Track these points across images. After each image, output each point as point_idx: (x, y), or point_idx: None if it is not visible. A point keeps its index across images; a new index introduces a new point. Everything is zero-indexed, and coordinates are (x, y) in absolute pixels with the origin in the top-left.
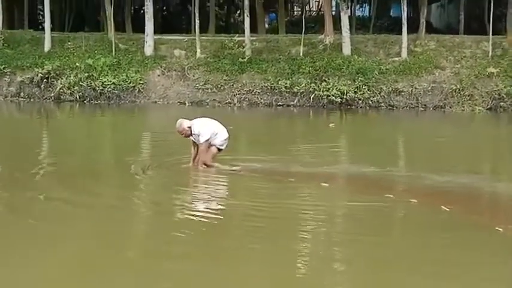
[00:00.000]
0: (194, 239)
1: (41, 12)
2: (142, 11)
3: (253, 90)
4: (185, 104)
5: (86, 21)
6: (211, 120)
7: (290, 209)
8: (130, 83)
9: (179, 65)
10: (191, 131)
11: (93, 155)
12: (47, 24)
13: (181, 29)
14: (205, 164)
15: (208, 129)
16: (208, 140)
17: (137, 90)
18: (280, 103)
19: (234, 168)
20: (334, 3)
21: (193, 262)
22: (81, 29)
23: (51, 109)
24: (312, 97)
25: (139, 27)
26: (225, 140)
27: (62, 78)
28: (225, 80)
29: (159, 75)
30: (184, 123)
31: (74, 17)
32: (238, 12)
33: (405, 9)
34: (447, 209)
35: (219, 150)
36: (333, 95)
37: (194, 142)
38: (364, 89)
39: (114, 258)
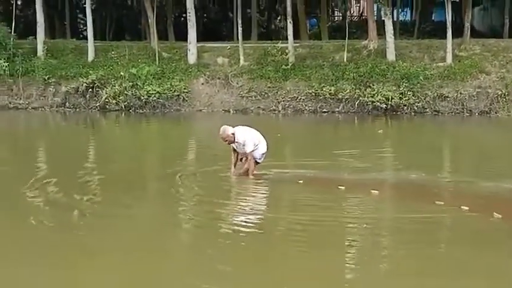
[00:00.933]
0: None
1: (81, 21)
2: (182, 19)
3: (297, 97)
4: (230, 111)
5: (127, 30)
6: (253, 129)
7: (342, 217)
8: (174, 91)
9: (223, 72)
10: (234, 138)
11: (138, 164)
12: (90, 34)
13: (222, 36)
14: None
15: (252, 139)
16: (253, 150)
17: (182, 98)
18: (324, 110)
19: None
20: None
21: (240, 275)
22: (122, 38)
23: (97, 119)
24: (356, 103)
25: (181, 35)
26: (264, 154)
27: (106, 88)
28: (269, 87)
29: (203, 84)
30: (228, 130)
31: (115, 25)
32: (278, 18)
33: (449, 13)
34: (499, 216)
35: (257, 163)
36: (378, 101)
37: (234, 149)
38: (409, 94)
39: (159, 271)
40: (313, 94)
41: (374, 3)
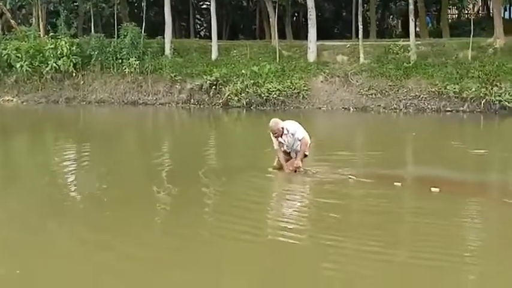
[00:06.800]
0: None
1: (199, 22)
2: (294, 18)
3: (419, 96)
4: (349, 109)
5: (241, 30)
6: (299, 124)
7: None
8: (294, 89)
9: (342, 70)
10: (283, 131)
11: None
12: (214, 34)
13: (334, 34)
14: (299, 165)
15: (301, 128)
16: (304, 136)
17: (301, 96)
18: (448, 108)
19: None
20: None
21: None
22: (236, 38)
23: (219, 115)
24: (482, 102)
25: (296, 34)
26: (309, 145)
27: (229, 85)
28: (389, 85)
29: (322, 81)
30: (280, 123)
31: (230, 26)
32: (391, 16)
33: None
34: None
35: (305, 156)
36: (506, 100)
37: (280, 148)
38: None
39: None
40: (436, 92)
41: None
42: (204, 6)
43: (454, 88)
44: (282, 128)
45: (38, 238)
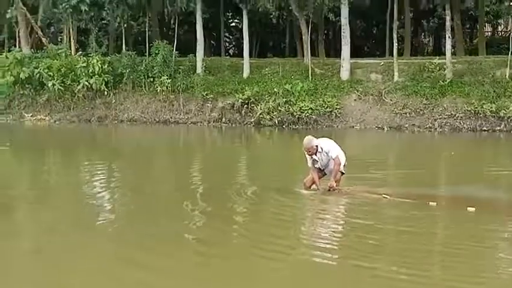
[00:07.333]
0: None
1: (227, 40)
2: (324, 36)
3: (455, 115)
4: (383, 128)
5: (270, 48)
6: (333, 142)
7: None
8: (327, 107)
9: (376, 89)
10: (317, 149)
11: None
12: (246, 52)
13: (366, 52)
14: (333, 186)
15: (335, 147)
16: (338, 155)
17: (334, 115)
18: (484, 128)
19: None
20: None
21: None
22: (265, 55)
23: (251, 134)
24: None
25: (327, 52)
26: (345, 164)
27: (261, 104)
28: (424, 104)
29: (355, 100)
30: (314, 141)
31: (260, 43)
32: (423, 34)
33: None
34: None
35: (342, 174)
36: None
37: (314, 165)
38: None
39: None
40: (472, 112)
41: None
42: (233, 24)
43: (491, 107)
44: (316, 146)
45: (72, 254)
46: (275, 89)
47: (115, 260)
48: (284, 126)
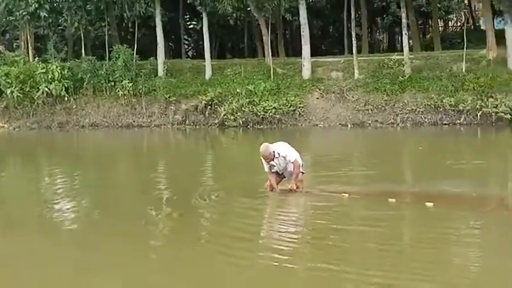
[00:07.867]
0: None
1: (186, 42)
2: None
3: (416, 110)
4: (347, 126)
5: (229, 49)
6: (288, 144)
7: None
8: (290, 106)
9: (337, 86)
10: (274, 155)
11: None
12: (207, 54)
13: (323, 51)
14: (294, 188)
15: (292, 150)
16: (296, 158)
17: (298, 113)
18: (445, 122)
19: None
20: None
21: None
22: (224, 56)
23: (216, 135)
24: (479, 114)
25: (286, 51)
26: (303, 164)
27: (224, 105)
28: (385, 100)
29: (317, 98)
30: (270, 148)
31: (218, 45)
32: (377, 31)
33: None
34: None
35: (302, 173)
36: (502, 112)
37: (271, 170)
38: None
39: None
40: (433, 106)
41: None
42: (191, 26)
43: (450, 101)
44: (273, 152)
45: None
46: (238, 90)
47: (73, 266)
48: (249, 126)
